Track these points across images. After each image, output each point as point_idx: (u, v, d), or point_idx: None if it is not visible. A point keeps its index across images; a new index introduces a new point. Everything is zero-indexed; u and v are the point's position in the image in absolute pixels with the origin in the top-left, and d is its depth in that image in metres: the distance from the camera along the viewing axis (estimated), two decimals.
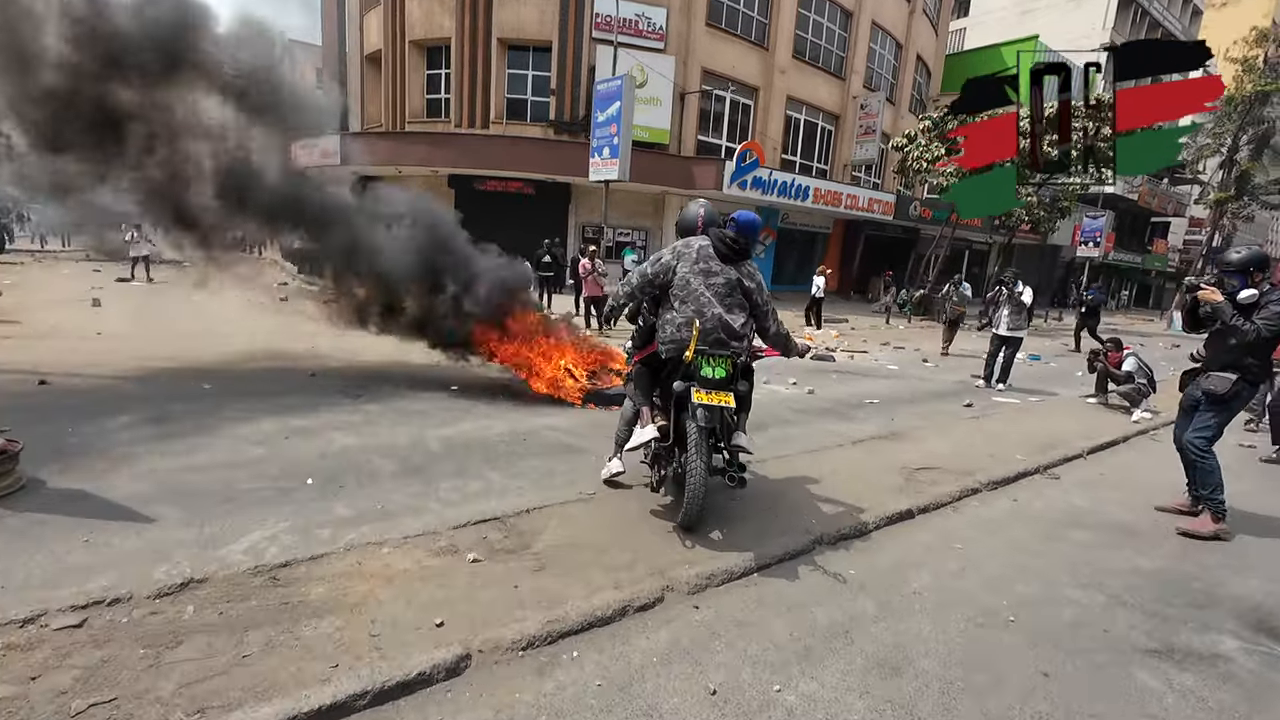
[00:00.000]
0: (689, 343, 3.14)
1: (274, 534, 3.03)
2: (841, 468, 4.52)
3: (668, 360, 3.32)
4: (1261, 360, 3.83)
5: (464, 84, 18.77)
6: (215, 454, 4.03)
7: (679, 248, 3.33)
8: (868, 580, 3.05)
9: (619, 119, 12.79)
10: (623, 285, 3.50)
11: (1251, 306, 3.75)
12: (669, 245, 3.42)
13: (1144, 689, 2.38)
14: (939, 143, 17.97)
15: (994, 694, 2.29)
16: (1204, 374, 4.03)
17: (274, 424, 4.71)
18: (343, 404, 5.42)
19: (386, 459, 4.18)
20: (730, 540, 3.28)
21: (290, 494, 3.52)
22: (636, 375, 3.56)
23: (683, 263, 3.27)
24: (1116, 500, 4.44)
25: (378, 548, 2.94)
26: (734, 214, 3.41)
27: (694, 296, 3.21)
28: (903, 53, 25.51)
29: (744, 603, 2.76)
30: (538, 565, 2.84)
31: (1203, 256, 34.80)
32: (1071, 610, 2.91)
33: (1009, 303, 8.46)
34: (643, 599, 2.65)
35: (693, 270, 3.24)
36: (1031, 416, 6.86)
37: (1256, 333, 3.65)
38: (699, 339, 3.12)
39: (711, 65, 19.53)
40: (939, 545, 3.52)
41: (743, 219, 3.34)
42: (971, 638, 2.63)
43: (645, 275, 3.35)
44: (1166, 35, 37.39)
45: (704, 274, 3.24)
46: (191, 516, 3.15)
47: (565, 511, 3.48)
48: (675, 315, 3.26)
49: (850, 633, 2.61)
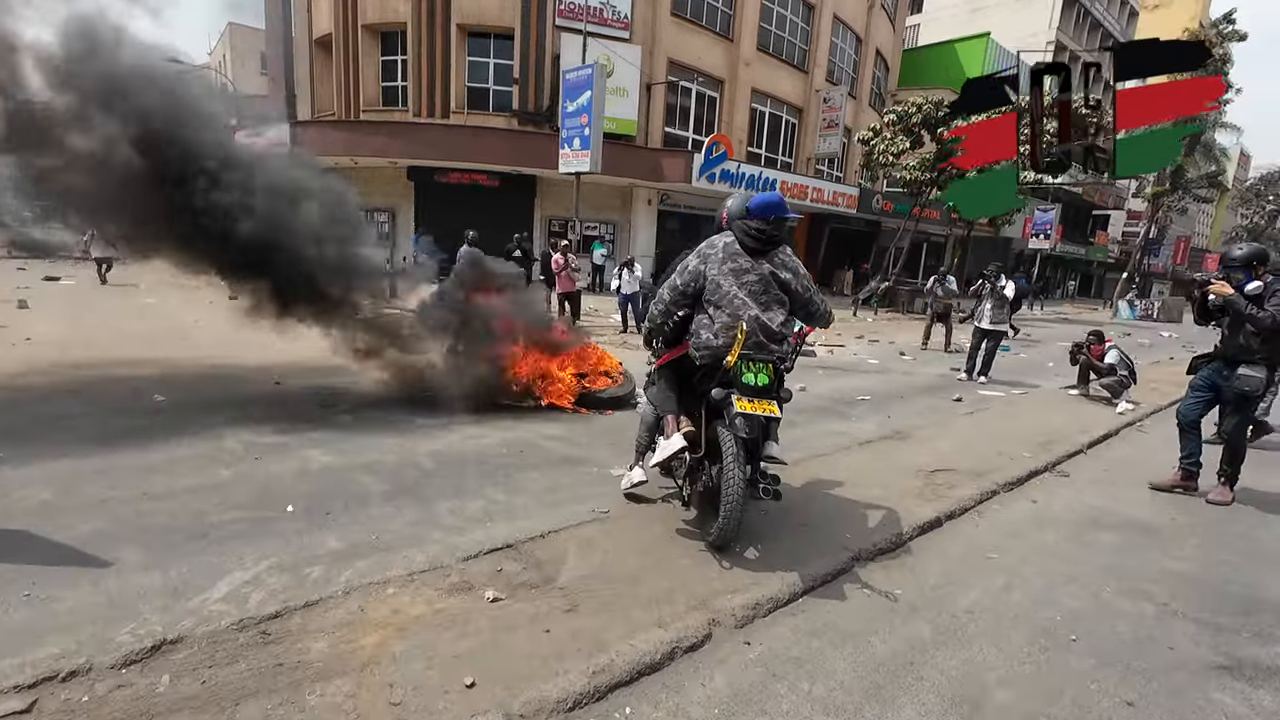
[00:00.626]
0: (728, 348, 2.87)
1: (256, 575, 2.64)
2: (856, 472, 4.34)
3: (701, 365, 3.05)
4: (1275, 346, 4.03)
5: (422, 71, 18.02)
6: (176, 478, 3.57)
7: (703, 249, 3.05)
8: (916, 600, 2.86)
9: (589, 109, 12.41)
10: (655, 305, 3.20)
11: (1259, 297, 3.96)
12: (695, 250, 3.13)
13: (1230, 713, 2.24)
14: (903, 136, 18.19)
15: None
16: (1227, 364, 4.21)
17: (241, 440, 4.25)
18: (315, 415, 4.97)
19: (374, 478, 3.79)
20: (767, 559, 3.05)
21: (269, 525, 3.11)
22: (662, 379, 3.28)
23: (710, 265, 2.99)
24: (1129, 498, 4.40)
25: (381, 588, 2.58)
26: (751, 200, 3.13)
27: (728, 300, 2.95)
28: (863, 47, 25.78)
29: (796, 634, 2.53)
30: (567, 603, 2.54)
31: (1140, 248, 36.58)
32: (1127, 624, 2.78)
33: (991, 296, 8.51)
34: (690, 637, 2.38)
35: (722, 271, 2.97)
36: (1024, 411, 6.86)
37: (1271, 318, 3.86)
38: (738, 344, 2.85)
39: (677, 56, 19.28)
40: (975, 556, 3.37)
41: (759, 202, 3.03)
42: (1040, 664, 2.46)
43: (676, 288, 3.06)
44: (1106, 35, 38.98)
45: (734, 273, 2.97)
46: (155, 557, 2.73)
47: (583, 535, 3.18)
48: (710, 321, 2.99)
49: (915, 664, 2.40)
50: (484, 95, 18.40)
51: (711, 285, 2.97)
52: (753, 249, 2.99)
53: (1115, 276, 41.85)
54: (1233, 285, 4.05)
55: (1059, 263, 40.86)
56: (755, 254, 3.00)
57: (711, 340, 2.96)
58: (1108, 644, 2.62)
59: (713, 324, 2.98)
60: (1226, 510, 4.26)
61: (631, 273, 10.98)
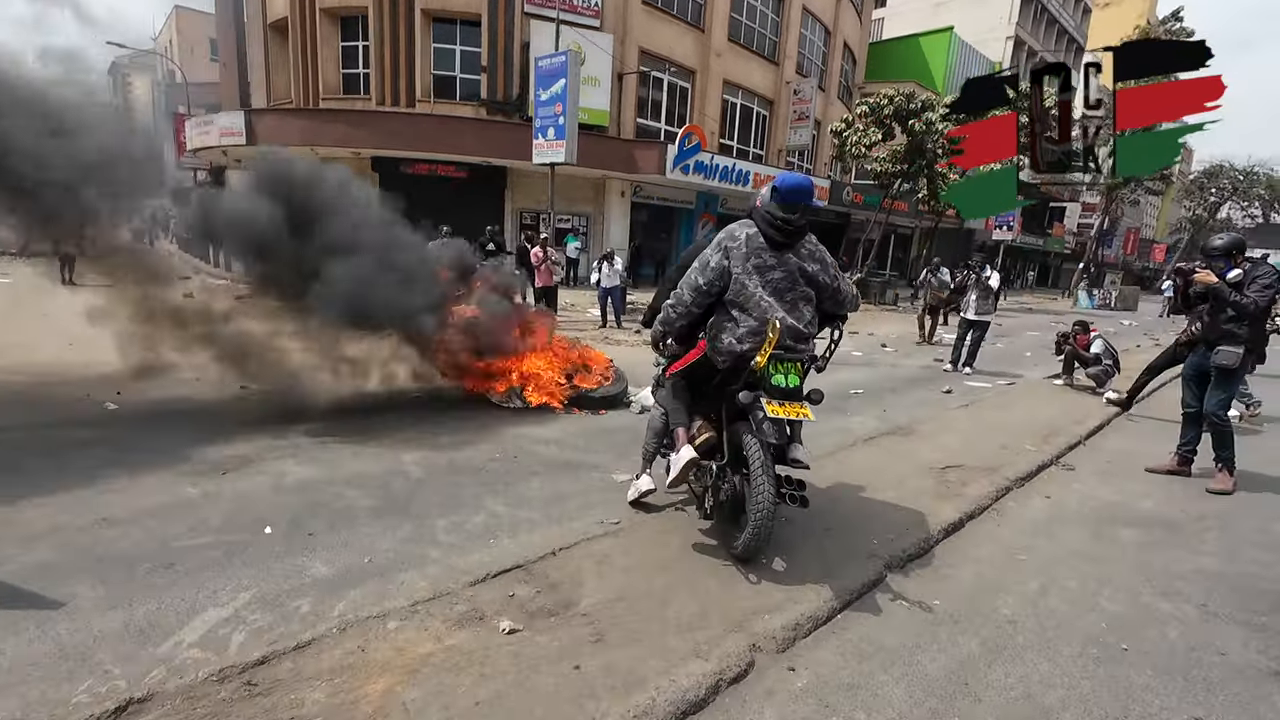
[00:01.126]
0: (753, 350, 2.66)
1: (236, 612, 2.33)
2: (867, 471, 4.19)
3: (721, 369, 2.83)
4: (1258, 330, 4.25)
5: (385, 58, 17.31)
6: (136, 499, 3.20)
7: (725, 242, 2.78)
8: (956, 610, 2.70)
9: (564, 97, 12.05)
10: (674, 306, 2.90)
11: (1239, 284, 4.15)
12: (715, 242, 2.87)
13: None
14: (875, 128, 18.26)
15: None
16: (1207, 348, 4.35)
17: (207, 453, 3.87)
18: (289, 424, 4.58)
19: (359, 492, 3.47)
20: (795, 571, 2.85)
21: (245, 550, 2.78)
22: (673, 386, 3.04)
23: (734, 260, 2.75)
24: (1138, 491, 4.34)
25: (381, 622, 2.30)
26: (774, 180, 2.88)
27: (754, 302, 2.72)
28: (831, 39, 25.81)
29: (842, 657, 2.33)
30: (594, 632, 2.29)
31: (1094, 239, 37.81)
32: (1174, 630, 2.67)
33: (976, 287, 8.53)
34: (733, 667, 2.16)
35: (745, 269, 2.73)
36: (1016, 403, 6.85)
37: (1254, 304, 4.07)
38: (770, 344, 2.62)
39: (649, 45, 18.95)
40: (1003, 558, 3.23)
41: (789, 185, 2.76)
42: (1097, 678, 2.31)
43: (699, 288, 2.78)
44: (1062, 31, 39.99)
45: (758, 270, 2.74)
46: (116, 594, 2.39)
47: (598, 551, 2.93)
48: (734, 324, 2.76)
49: (970, 684, 2.23)
50: (450, 83, 17.78)
51: (736, 285, 2.74)
52: (778, 242, 2.76)
53: (1071, 267, 43.19)
54: (1214, 273, 4.19)
55: (1019, 254, 41.92)
56: (780, 247, 2.77)
57: (735, 345, 2.73)
58: (1159, 652, 2.50)
59: (736, 327, 2.75)
60: (1230, 500, 4.24)
61: (611, 265, 10.70)
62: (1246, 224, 47.96)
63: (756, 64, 22.35)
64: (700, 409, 3.05)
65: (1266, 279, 4.10)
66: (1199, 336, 4.50)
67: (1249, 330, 4.18)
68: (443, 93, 17.68)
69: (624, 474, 3.95)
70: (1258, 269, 4.18)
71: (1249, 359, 4.27)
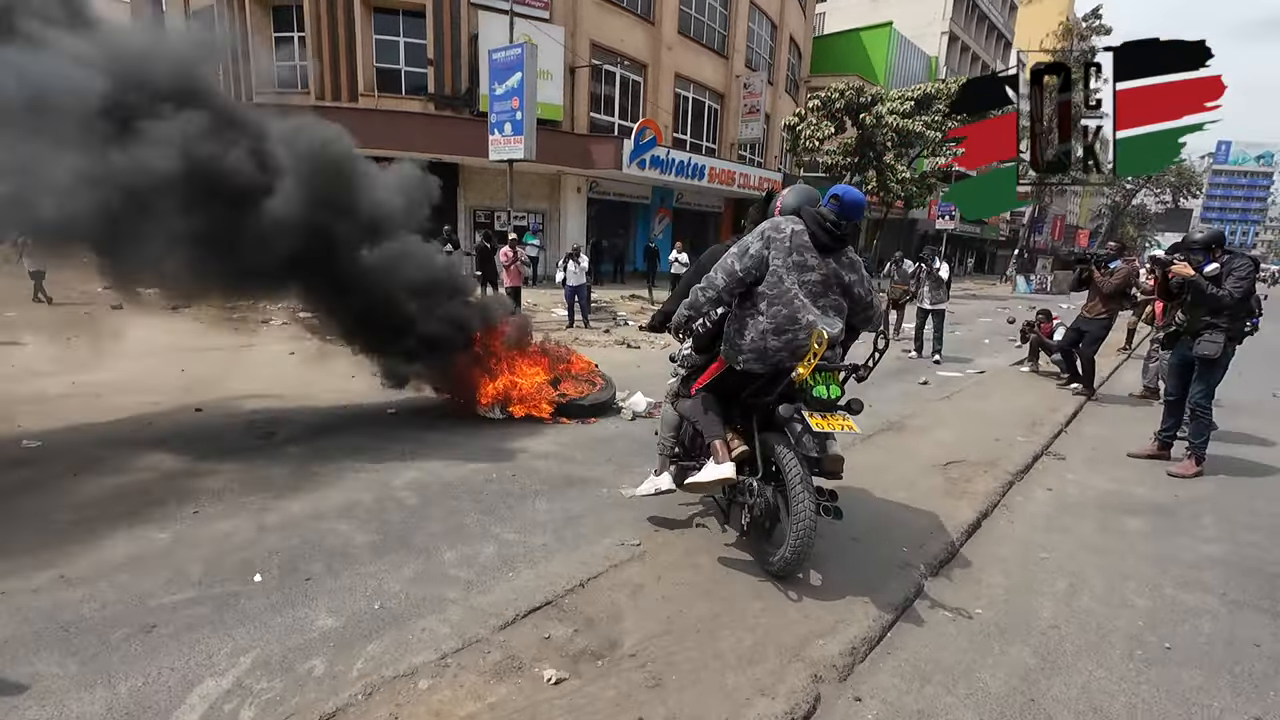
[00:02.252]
0: (780, 352, 2.55)
1: (238, 681, 2.05)
2: (874, 472, 4.14)
3: (744, 373, 2.69)
4: (1236, 320, 4.34)
5: (323, 50, 16.44)
6: (97, 550, 2.83)
7: (769, 233, 2.64)
8: (999, 619, 2.65)
9: (521, 91, 11.69)
10: (702, 289, 2.74)
11: (1217, 277, 4.27)
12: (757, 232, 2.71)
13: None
14: (827, 122, 18.53)
15: None
16: (1191, 338, 4.43)
17: (170, 489, 3.49)
18: (254, 449, 4.22)
19: (352, 525, 3.18)
20: (833, 585, 2.76)
21: (236, 603, 2.48)
22: (702, 400, 2.88)
23: (775, 252, 2.60)
24: (1127, 477, 4.46)
25: (410, 681, 2.06)
26: (834, 189, 2.77)
27: (786, 299, 2.59)
28: (777, 33, 26.05)
29: (904, 680, 2.23)
30: (648, 676, 2.12)
31: (1026, 227, 39.69)
32: (1207, 623, 2.69)
33: (929, 279, 8.78)
34: (802, 705, 2.03)
35: (786, 264, 2.60)
36: (994, 392, 6.99)
37: (1229, 297, 4.19)
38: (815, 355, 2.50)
39: (599, 38, 18.65)
40: (1027, 557, 3.22)
41: (849, 197, 2.66)
42: (1153, 681, 2.29)
43: (734, 273, 2.63)
44: (992, 26, 41.64)
45: (798, 268, 2.62)
46: (90, 668, 2.07)
47: (627, 578, 2.75)
48: (760, 319, 2.62)
49: (1036, 700, 2.17)
50: (395, 77, 17.04)
51: (772, 278, 2.60)
52: (824, 245, 2.64)
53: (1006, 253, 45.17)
54: (1192, 266, 4.29)
55: (959, 241, 43.61)
56: (824, 250, 2.65)
57: (758, 342, 2.60)
58: (1200, 648, 2.51)
59: (759, 322, 2.61)
60: (1211, 483, 4.40)
61: (578, 263, 10.45)
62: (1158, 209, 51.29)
63: (707, 57, 22.34)
64: (727, 419, 2.90)
65: (1242, 271, 4.23)
66: (1184, 327, 4.55)
67: (1229, 321, 4.29)
68: (387, 87, 16.94)
69: (632, 488, 3.78)
70: (1234, 262, 4.30)
71: (1230, 348, 4.38)
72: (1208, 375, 4.45)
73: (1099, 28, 34.52)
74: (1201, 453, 4.52)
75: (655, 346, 9.08)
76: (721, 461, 2.70)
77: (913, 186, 21.02)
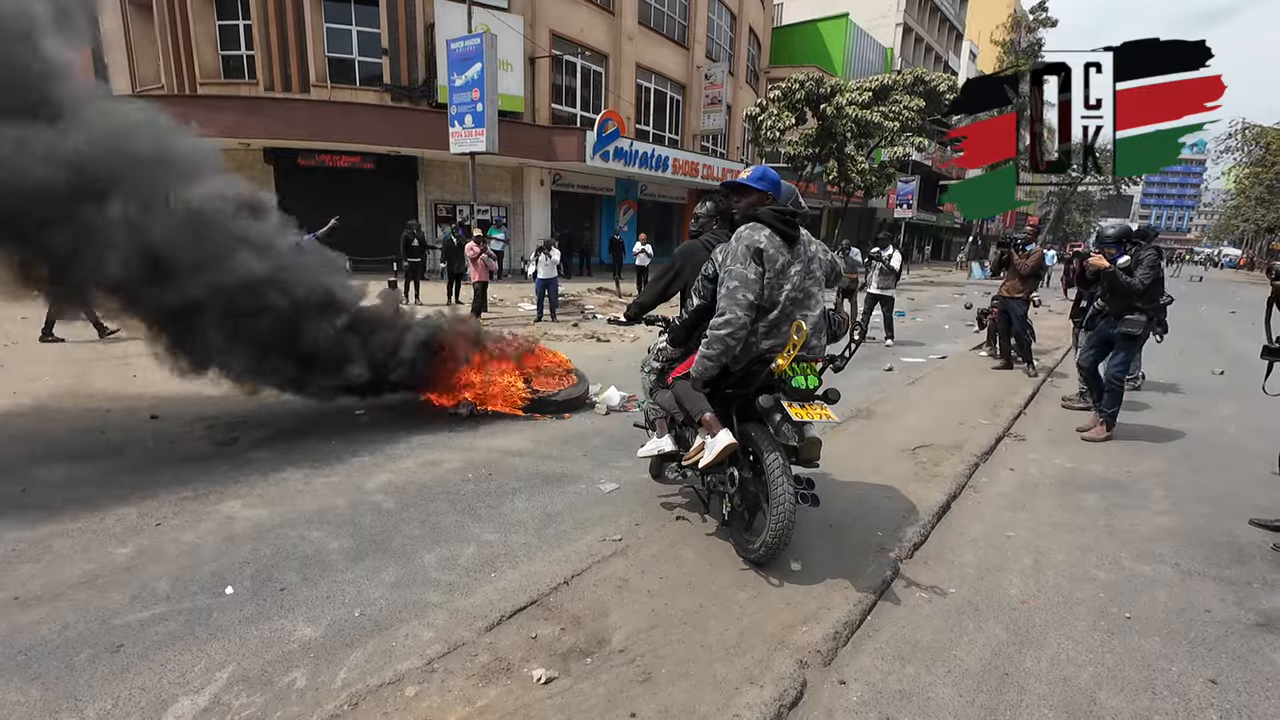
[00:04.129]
0: (772, 350, 2.57)
1: (216, 698, 1.99)
2: (847, 459, 4.24)
3: (733, 370, 2.72)
4: (1152, 303, 4.80)
5: (271, 38, 15.87)
6: (55, 568, 2.70)
7: (756, 249, 2.60)
8: (971, 596, 2.74)
9: (481, 82, 11.48)
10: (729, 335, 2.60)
11: (1129, 268, 4.70)
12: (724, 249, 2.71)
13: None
14: (788, 113, 18.70)
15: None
16: (1113, 317, 4.84)
17: (128, 502, 3.34)
18: (219, 456, 4.08)
19: (326, 531, 3.11)
20: (812, 570, 2.81)
21: (208, 617, 2.40)
22: (682, 388, 2.90)
23: (766, 265, 2.62)
24: (1084, 455, 4.66)
25: (397, 689, 2.03)
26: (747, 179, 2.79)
27: (779, 305, 2.64)
28: (737, 24, 26.16)
29: (885, 661, 2.30)
30: (638, 671, 2.13)
31: None
32: (1162, 592, 2.83)
33: (880, 267, 8.99)
34: (789, 691, 2.06)
35: (773, 271, 2.63)
36: (957, 377, 7.19)
37: (1140, 284, 4.63)
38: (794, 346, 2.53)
39: (560, 29, 18.44)
40: (995, 536, 3.34)
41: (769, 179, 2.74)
42: (1117, 651, 2.40)
43: (752, 305, 2.58)
44: (944, 19, 42.55)
45: (783, 271, 2.65)
46: (56, 694, 1.98)
47: (611, 574, 2.75)
48: (757, 326, 2.65)
49: (1010, 675, 2.25)
50: (348, 67, 16.55)
51: (767, 289, 2.63)
52: (791, 236, 2.67)
53: (960, 241, 46.44)
54: (1107, 258, 4.74)
55: (915, 229, 44.64)
56: (792, 241, 2.68)
57: (750, 345, 2.63)
58: (1158, 617, 2.64)
59: (756, 325, 2.65)
60: (1158, 458, 4.63)
61: (548, 256, 10.34)
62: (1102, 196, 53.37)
63: (668, 48, 22.30)
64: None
65: (1149, 262, 4.68)
66: (1106, 309, 4.95)
67: (1146, 302, 4.72)
68: (340, 77, 16.46)
69: (611, 484, 3.78)
70: (1141, 253, 4.73)
71: (1150, 326, 4.83)
72: (1128, 349, 4.88)
73: (1045, 20, 35.55)
74: (1113, 420, 4.98)
75: (625, 340, 9.08)
76: (717, 433, 2.70)
77: (872, 176, 21.41)
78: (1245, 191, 39.02)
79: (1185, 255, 56.05)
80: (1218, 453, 4.79)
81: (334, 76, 16.37)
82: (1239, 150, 36.11)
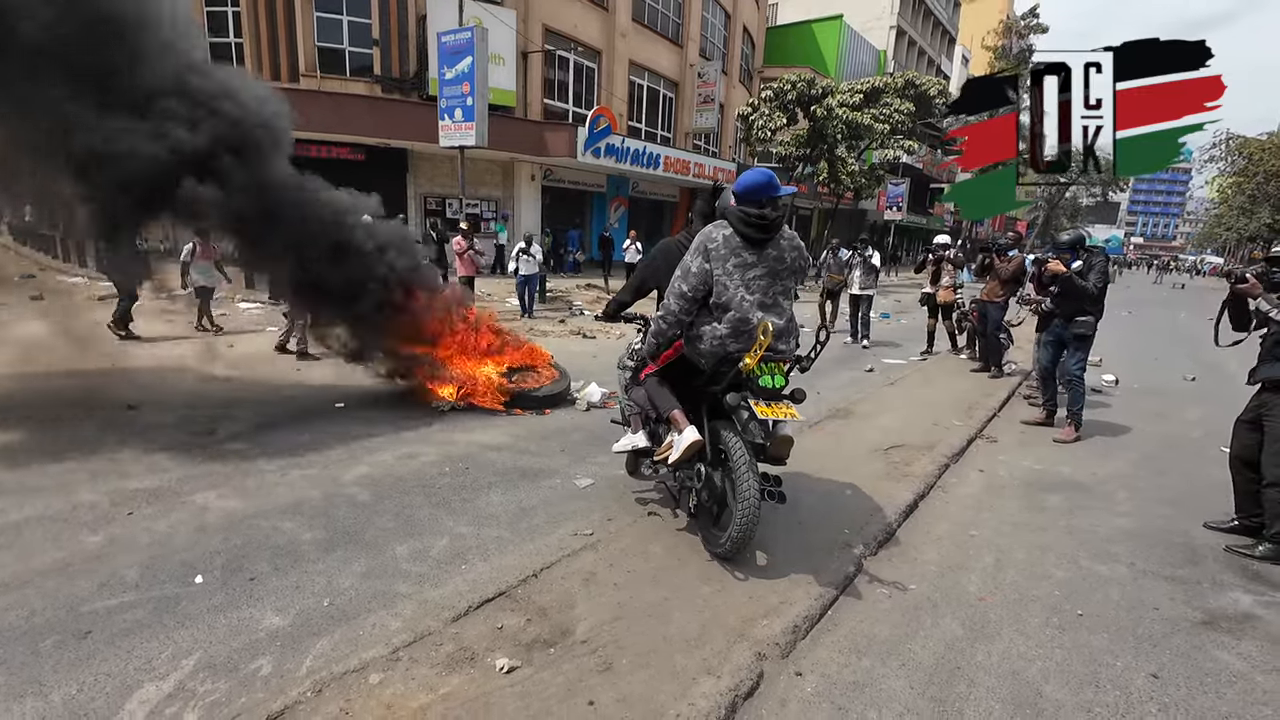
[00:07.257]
0: (740, 352, 2.62)
1: (181, 684, 2.02)
2: (821, 457, 4.30)
3: (703, 369, 2.77)
4: (1099, 306, 5.10)
5: (260, 27, 15.71)
6: (22, 557, 2.71)
7: (704, 245, 2.69)
8: (931, 593, 2.82)
9: (471, 76, 11.43)
10: (661, 318, 2.82)
11: (1082, 272, 4.97)
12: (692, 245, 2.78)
13: (1232, 671, 2.38)
14: (780, 113, 18.77)
15: (1134, 713, 2.13)
16: (1064, 320, 5.12)
17: (102, 490, 3.35)
18: (195, 446, 4.08)
19: (299, 522, 3.13)
20: (778, 565, 2.88)
21: (176, 606, 2.43)
22: (653, 382, 2.95)
23: (714, 262, 2.67)
24: (1050, 456, 4.76)
25: (361, 677, 2.07)
26: (736, 184, 2.82)
27: (736, 302, 2.66)
28: (731, 23, 26.16)
29: (842, 654, 2.36)
30: (599, 661, 2.18)
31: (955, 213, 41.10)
32: (1115, 591, 2.92)
33: (861, 265, 9.11)
34: (745, 681, 2.12)
35: (726, 269, 2.67)
36: (936, 378, 7.29)
37: (1093, 287, 4.91)
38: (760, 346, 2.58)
39: (553, 23, 18.37)
40: (959, 534, 3.42)
41: (748, 185, 2.69)
42: (1067, 647, 2.48)
43: (684, 295, 2.70)
44: (937, 22, 42.76)
45: (739, 269, 2.69)
46: (21, 679, 2.00)
47: (580, 567, 2.80)
48: (718, 327, 2.69)
49: (962, 668, 2.33)
50: (339, 57, 16.40)
51: (719, 287, 2.67)
52: (755, 240, 2.71)
53: None
54: (1062, 263, 5.00)
55: (905, 232, 44.92)
56: (757, 244, 2.72)
57: (721, 347, 2.68)
58: (1108, 614, 2.72)
59: (718, 327, 2.69)
60: (1124, 460, 4.74)
61: (529, 254, 10.35)
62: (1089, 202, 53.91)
63: (662, 46, 22.28)
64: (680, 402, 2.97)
65: (1101, 268, 5.00)
66: (1060, 311, 5.19)
67: (1095, 307, 5.04)
68: (331, 67, 16.30)
69: (586, 479, 3.83)
70: (1094, 259, 5.03)
71: (1096, 325, 5.10)
72: (1081, 349, 5.14)
73: (1036, 26, 35.92)
74: (1079, 419, 5.20)
75: (611, 337, 9.12)
76: (684, 429, 2.75)
77: (862, 178, 21.53)
78: (1228, 201, 39.56)
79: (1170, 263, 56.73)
80: (1182, 456, 4.91)
81: (324, 66, 16.23)
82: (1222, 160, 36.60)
